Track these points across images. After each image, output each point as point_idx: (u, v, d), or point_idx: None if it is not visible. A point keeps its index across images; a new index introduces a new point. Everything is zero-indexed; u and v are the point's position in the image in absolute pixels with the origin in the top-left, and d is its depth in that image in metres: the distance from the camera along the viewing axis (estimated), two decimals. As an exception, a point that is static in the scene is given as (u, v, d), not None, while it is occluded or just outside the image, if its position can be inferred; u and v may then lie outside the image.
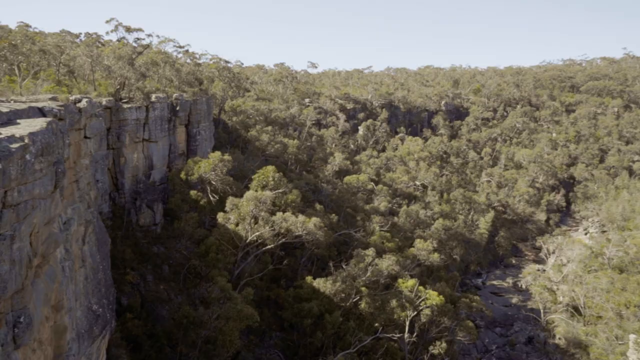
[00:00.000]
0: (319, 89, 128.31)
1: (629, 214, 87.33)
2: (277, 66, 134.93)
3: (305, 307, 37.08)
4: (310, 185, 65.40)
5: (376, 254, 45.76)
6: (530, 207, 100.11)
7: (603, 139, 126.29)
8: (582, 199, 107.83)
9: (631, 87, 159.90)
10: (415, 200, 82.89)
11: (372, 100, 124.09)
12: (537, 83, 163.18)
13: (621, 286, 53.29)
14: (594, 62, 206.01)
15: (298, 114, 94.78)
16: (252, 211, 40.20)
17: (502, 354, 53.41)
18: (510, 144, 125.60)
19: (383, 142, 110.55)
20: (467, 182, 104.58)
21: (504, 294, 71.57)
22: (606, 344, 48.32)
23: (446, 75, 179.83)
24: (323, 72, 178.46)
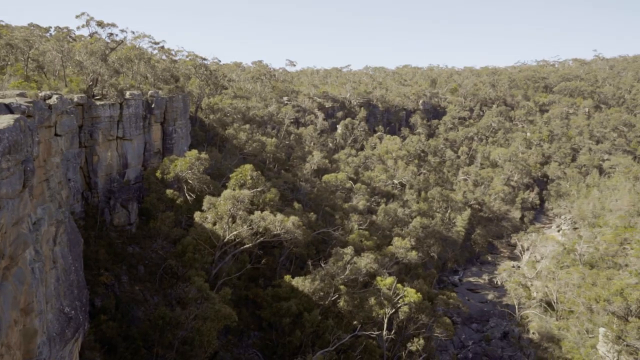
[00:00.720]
0: (298, 87, 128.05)
1: (599, 212, 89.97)
2: (255, 64, 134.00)
3: (284, 306, 36.91)
4: (289, 184, 65.20)
5: (355, 253, 45.93)
6: (506, 205, 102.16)
7: (575, 139, 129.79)
8: (555, 197, 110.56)
9: (601, 88, 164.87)
10: (394, 198, 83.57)
11: (350, 99, 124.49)
12: (512, 83, 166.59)
13: (592, 281, 54.82)
14: (566, 63, 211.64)
15: (276, 112, 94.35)
16: (230, 210, 39.79)
17: (478, 349, 54.33)
18: (486, 142, 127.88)
19: (361, 140, 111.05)
20: (444, 180, 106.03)
21: (480, 290, 72.82)
22: (577, 337, 49.68)
23: (424, 74, 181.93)
24: (301, 70, 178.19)
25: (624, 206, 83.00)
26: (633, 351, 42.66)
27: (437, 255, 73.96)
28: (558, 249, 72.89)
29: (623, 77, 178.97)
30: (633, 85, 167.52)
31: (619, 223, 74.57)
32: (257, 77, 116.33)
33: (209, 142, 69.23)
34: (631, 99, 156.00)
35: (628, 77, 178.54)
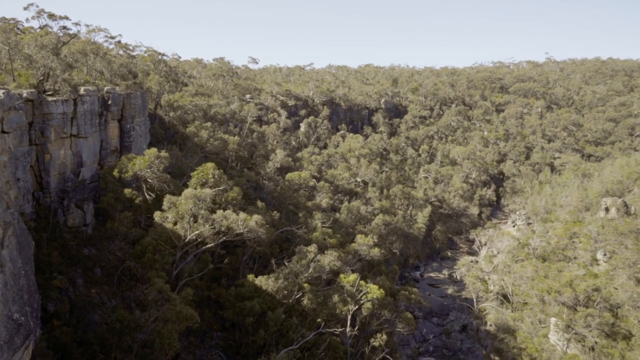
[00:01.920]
0: (260, 85, 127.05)
1: (550, 207, 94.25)
2: (216, 61, 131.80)
3: (247, 306, 36.58)
4: (252, 183, 64.62)
5: (318, 250, 46.09)
6: (465, 202, 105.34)
7: (529, 137, 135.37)
8: (510, 194, 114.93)
9: (552, 89, 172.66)
10: (357, 196, 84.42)
11: (313, 97, 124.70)
12: (470, 83, 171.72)
13: (544, 274, 57.41)
14: (520, 65, 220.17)
15: (239, 110, 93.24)
16: (191, 209, 39.01)
17: (438, 342, 55.79)
18: (446, 141, 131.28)
19: (325, 139, 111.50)
20: (405, 178, 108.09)
21: (441, 285, 74.76)
22: (531, 327, 51.89)
23: (386, 74, 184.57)
24: (264, 68, 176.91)
25: (573, 202, 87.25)
26: (581, 338, 45.00)
27: (399, 251, 75.38)
28: (513, 243, 75.77)
29: (572, 79, 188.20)
30: (581, 87, 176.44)
31: (569, 218, 78.35)
32: (218, 74, 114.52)
33: (169, 140, 67.58)
34: (579, 100, 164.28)
35: (576, 79, 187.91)
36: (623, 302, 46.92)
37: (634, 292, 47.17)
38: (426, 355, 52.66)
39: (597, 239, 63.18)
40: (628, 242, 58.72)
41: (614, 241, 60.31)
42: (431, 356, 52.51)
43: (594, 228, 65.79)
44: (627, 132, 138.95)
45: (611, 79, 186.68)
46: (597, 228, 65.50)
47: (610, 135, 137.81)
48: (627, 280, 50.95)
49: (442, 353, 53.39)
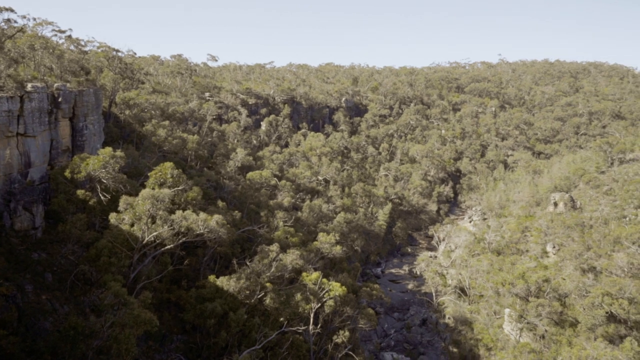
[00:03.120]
0: (220, 83, 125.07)
1: (504, 203, 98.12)
2: (174, 58, 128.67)
3: (209, 307, 36.01)
4: (212, 182, 63.57)
5: (280, 249, 46.01)
6: (424, 199, 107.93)
7: (483, 136, 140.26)
8: (467, 190, 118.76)
9: (505, 89, 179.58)
10: (318, 194, 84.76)
11: (274, 95, 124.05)
12: (428, 83, 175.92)
13: (498, 267, 59.74)
14: (475, 65, 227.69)
15: (198, 109, 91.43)
16: (149, 210, 37.95)
17: (399, 336, 56.97)
18: (405, 139, 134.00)
19: (286, 137, 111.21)
20: (366, 176, 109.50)
21: (401, 280, 76.31)
22: (487, 319, 53.89)
23: (346, 73, 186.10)
24: (224, 66, 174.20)
25: (525, 197, 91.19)
26: (532, 327, 47.17)
27: (361, 248, 76.32)
28: (470, 238, 78.32)
29: (523, 80, 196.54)
30: (531, 87, 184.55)
31: (521, 213, 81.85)
32: (176, 71, 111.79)
33: (124, 139, 65.38)
34: (530, 100, 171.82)
35: (527, 80, 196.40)
36: (570, 292, 49.51)
37: (579, 281, 49.87)
38: (388, 350, 53.64)
39: (547, 232, 66.31)
40: (574, 235, 62.02)
41: (562, 234, 63.52)
42: (392, 350, 53.53)
43: (544, 222, 68.99)
44: (573, 130, 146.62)
45: (558, 80, 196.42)
46: (546, 222, 68.74)
47: (558, 134, 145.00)
48: (574, 271, 53.83)
49: (403, 347, 54.56)
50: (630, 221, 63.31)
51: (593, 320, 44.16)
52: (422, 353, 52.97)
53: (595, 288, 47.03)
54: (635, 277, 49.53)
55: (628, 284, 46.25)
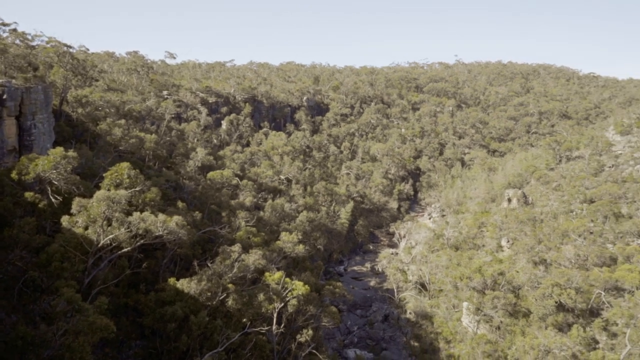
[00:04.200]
0: (179, 81, 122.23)
1: (462, 199, 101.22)
2: (130, 54, 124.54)
3: (169, 311, 35.09)
4: (171, 182, 62.01)
5: (242, 250, 45.46)
6: (385, 197, 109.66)
7: (442, 135, 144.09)
8: (426, 188, 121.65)
9: (461, 89, 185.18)
10: (280, 194, 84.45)
11: (235, 94, 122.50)
12: (388, 83, 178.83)
13: (457, 262, 61.58)
14: (433, 66, 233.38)
15: (156, 107, 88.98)
16: (105, 212, 36.55)
17: (362, 333, 57.69)
18: (366, 138, 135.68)
19: (247, 136, 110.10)
20: (328, 175, 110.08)
21: (364, 278, 77.27)
22: (446, 313, 55.47)
23: (307, 72, 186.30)
24: (182, 64, 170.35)
25: (481, 194, 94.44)
26: (489, 319, 48.97)
27: (323, 247, 76.65)
28: (429, 234, 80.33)
29: (478, 81, 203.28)
30: (486, 88, 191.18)
31: (477, 209, 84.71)
32: (132, 68, 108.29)
33: (77, 138, 62.71)
34: (485, 100, 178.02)
35: (482, 81, 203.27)
36: (523, 284, 51.74)
37: (531, 274, 52.20)
38: (351, 347, 54.20)
39: (502, 227, 68.96)
40: (527, 229, 64.81)
41: (516, 229, 66.23)
42: (356, 347, 54.14)
43: (498, 217, 71.69)
44: (525, 129, 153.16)
45: (511, 81, 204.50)
46: (501, 217, 71.46)
47: (511, 132, 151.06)
48: (527, 264, 56.27)
49: (366, 343, 55.28)
50: (577, 215, 66.82)
51: (544, 310, 46.33)
52: (384, 348, 53.85)
53: (545, 279, 49.33)
54: (581, 267, 52.35)
55: (575, 274, 48.82)
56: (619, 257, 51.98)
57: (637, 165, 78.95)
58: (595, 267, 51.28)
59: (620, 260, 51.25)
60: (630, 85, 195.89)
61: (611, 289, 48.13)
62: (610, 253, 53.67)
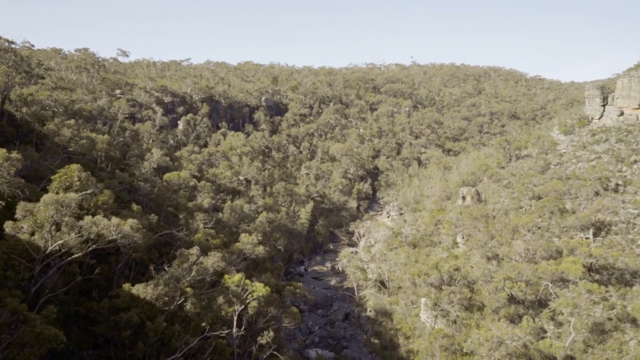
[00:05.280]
0: (132, 79, 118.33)
1: (419, 198, 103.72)
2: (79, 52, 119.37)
3: (124, 318, 33.88)
4: (126, 185, 59.91)
5: (201, 252, 44.59)
6: (344, 196, 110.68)
7: (399, 134, 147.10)
8: (384, 187, 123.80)
9: (417, 90, 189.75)
10: (240, 195, 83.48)
11: (191, 93, 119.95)
12: (346, 83, 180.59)
13: (415, 259, 63.04)
14: (390, 67, 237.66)
15: (108, 107, 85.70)
16: (53, 217, 34.82)
17: (323, 332, 57.95)
18: (326, 138, 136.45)
19: (205, 137, 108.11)
20: (288, 175, 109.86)
21: (324, 277, 77.65)
22: (405, 309, 56.65)
23: (266, 71, 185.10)
24: (136, 62, 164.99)
25: (437, 192, 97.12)
26: (446, 314, 50.44)
27: (284, 247, 76.42)
28: (388, 233, 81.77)
29: (433, 82, 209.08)
30: (441, 89, 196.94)
31: (434, 207, 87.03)
32: (82, 66, 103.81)
33: (22, 139, 59.36)
34: (440, 101, 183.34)
35: (437, 82, 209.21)
36: (477, 278, 53.65)
37: (485, 268, 54.22)
38: (312, 347, 54.33)
39: (457, 224, 71.16)
40: (480, 226, 67.24)
41: (470, 225, 68.55)
42: (317, 347, 54.33)
43: (454, 215, 73.94)
44: (477, 129, 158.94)
45: (464, 82, 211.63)
46: (456, 215, 73.76)
47: (464, 132, 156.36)
48: (480, 259, 58.40)
49: (327, 343, 55.56)
50: (526, 211, 70.01)
51: (497, 303, 48.26)
52: (345, 347, 54.33)
53: (498, 273, 51.39)
54: (530, 261, 54.90)
55: (525, 268, 51.16)
56: (564, 250, 54.88)
57: (579, 163, 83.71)
58: (543, 260, 53.90)
59: (565, 253, 54.11)
60: (572, 88, 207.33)
61: (557, 281, 50.75)
62: (556, 246, 56.57)
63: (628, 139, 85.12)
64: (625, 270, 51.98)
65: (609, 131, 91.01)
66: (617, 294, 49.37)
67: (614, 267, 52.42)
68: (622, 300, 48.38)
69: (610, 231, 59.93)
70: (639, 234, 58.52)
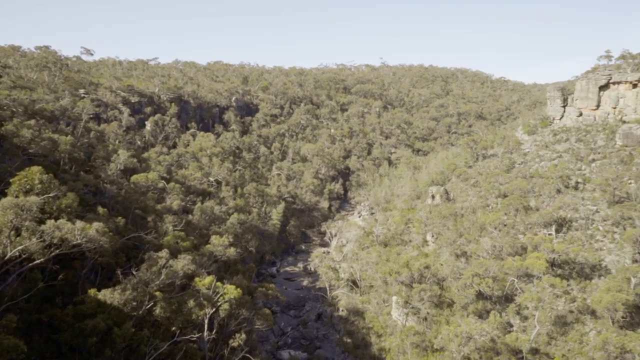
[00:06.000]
0: (97, 79, 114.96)
1: (390, 197, 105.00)
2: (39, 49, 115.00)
3: (89, 324, 32.85)
4: (91, 187, 58.14)
5: (170, 255, 43.74)
6: (316, 197, 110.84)
7: (369, 135, 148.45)
8: (355, 187, 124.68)
9: (387, 91, 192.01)
10: (210, 196, 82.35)
11: (159, 94, 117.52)
12: (317, 84, 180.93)
13: (386, 258, 63.77)
14: (360, 68, 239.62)
15: (71, 107, 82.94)
16: (12, 221, 33.42)
17: (296, 333, 57.86)
18: (297, 139, 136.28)
19: (174, 138, 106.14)
20: (259, 176, 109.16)
21: (296, 278, 77.53)
22: (377, 307, 57.23)
23: (236, 71, 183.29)
24: (101, 61, 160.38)
25: (407, 191, 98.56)
26: (416, 311, 51.25)
27: (255, 249, 75.89)
28: (360, 232, 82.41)
29: (402, 83, 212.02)
30: (410, 89, 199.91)
31: (404, 206, 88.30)
32: (43, 64, 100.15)
33: (-22, 141, 56.76)
34: (409, 101, 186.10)
35: (406, 83, 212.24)
36: (447, 275, 54.79)
37: (454, 265, 55.43)
38: (285, 348, 54.17)
39: (427, 222, 72.44)
40: (449, 224, 68.67)
41: (439, 224, 69.90)
42: (290, 348, 54.19)
43: (423, 214, 75.24)
44: (445, 129, 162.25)
45: (432, 83, 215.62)
46: (426, 213, 75.07)
47: (433, 132, 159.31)
48: (449, 256, 59.65)
49: (300, 343, 55.51)
50: (493, 209, 71.95)
51: (465, 299, 49.40)
52: (318, 347, 54.41)
53: (466, 270, 52.63)
54: (497, 257, 56.45)
55: (492, 264, 52.58)
56: (529, 246, 56.73)
57: (542, 162, 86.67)
58: (509, 257, 55.54)
59: (530, 249, 55.95)
60: (534, 89, 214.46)
61: (523, 276, 52.39)
62: (521, 243, 58.41)
63: (587, 138, 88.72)
64: (585, 264, 54.18)
65: (569, 131, 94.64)
66: (578, 287, 51.39)
67: (574, 261, 54.55)
68: (583, 293, 50.40)
69: (571, 227, 62.32)
70: (597, 229, 61.07)
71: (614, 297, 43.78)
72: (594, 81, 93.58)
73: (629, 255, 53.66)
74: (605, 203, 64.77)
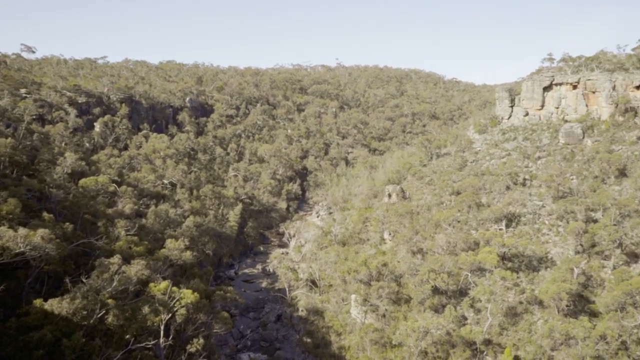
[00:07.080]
0: (40, 78, 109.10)
1: (347, 197, 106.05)
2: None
3: (35, 337, 31.08)
4: (35, 192, 55.04)
5: (123, 261, 42.18)
6: (273, 197, 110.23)
7: (326, 135, 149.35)
8: (313, 187, 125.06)
9: (343, 91, 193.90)
10: (164, 199, 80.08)
11: (109, 94, 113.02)
12: (273, 84, 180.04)
13: (344, 257, 64.36)
14: (316, 68, 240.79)
15: (12, 107, 78.23)
16: (-54, 230, 31.15)
17: (256, 335, 57.31)
18: (253, 139, 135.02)
19: (125, 139, 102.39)
20: (215, 177, 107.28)
21: (255, 280, 76.80)
22: (336, 306, 57.64)
23: (189, 71, 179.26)
24: (44, 59, 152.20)
25: (364, 191, 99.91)
26: (375, 309, 52.04)
27: (213, 252, 74.51)
28: (318, 232, 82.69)
29: (358, 83, 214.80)
30: (365, 90, 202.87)
31: (361, 205, 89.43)
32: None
33: None
34: (365, 102, 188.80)
35: (362, 83, 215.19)
36: (404, 272, 55.96)
37: (411, 262, 56.70)
38: (245, 351, 53.53)
39: (384, 221, 73.68)
40: (405, 222, 70.18)
41: (396, 222, 71.30)
42: (250, 350, 53.62)
43: (380, 212, 76.49)
44: (400, 129, 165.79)
45: (387, 84, 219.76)
46: (383, 212, 76.36)
47: (389, 132, 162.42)
48: (406, 254, 60.97)
49: (260, 345, 55.02)
50: (447, 206, 74.22)
51: (422, 294, 50.66)
52: (278, 348, 54.15)
53: (423, 267, 53.99)
54: (452, 253, 58.27)
55: (447, 260, 54.21)
56: (481, 242, 58.92)
57: (492, 160, 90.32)
58: (463, 252, 57.46)
59: (482, 244, 58.12)
60: (484, 90, 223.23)
61: (476, 270, 54.36)
62: (474, 238, 60.57)
63: (533, 137, 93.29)
64: (533, 257, 56.93)
65: (517, 130, 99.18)
66: (527, 279, 53.93)
67: (523, 254, 57.19)
68: (531, 285, 52.93)
69: (520, 222, 65.31)
70: (543, 223, 64.34)
71: (559, 287, 46.22)
72: (539, 82, 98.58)
73: (572, 247, 56.86)
74: (550, 198, 68.32)
